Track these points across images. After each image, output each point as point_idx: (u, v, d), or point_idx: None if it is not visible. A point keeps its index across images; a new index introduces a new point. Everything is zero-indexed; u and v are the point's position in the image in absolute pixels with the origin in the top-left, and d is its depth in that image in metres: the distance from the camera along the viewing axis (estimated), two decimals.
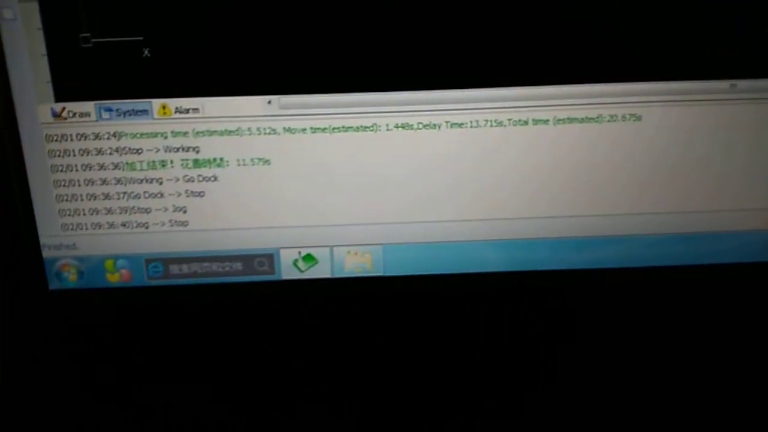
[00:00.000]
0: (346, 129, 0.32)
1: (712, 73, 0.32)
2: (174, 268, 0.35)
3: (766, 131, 0.33)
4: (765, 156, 0.33)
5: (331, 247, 0.35)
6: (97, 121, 0.32)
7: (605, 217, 0.34)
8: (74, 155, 0.32)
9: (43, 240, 0.34)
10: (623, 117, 0.32)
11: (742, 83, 0.32)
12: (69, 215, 0.33)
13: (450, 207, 0.34)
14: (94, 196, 0.33)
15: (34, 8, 0.30)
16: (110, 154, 0.32)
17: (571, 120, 0.32)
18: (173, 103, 0.32)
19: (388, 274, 0.35)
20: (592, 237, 0.35)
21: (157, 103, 0.32)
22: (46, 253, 0.34)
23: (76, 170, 0.33)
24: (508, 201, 0.34)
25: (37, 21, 0.30)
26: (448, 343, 0.37)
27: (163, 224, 0.34)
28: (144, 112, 0.32)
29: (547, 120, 0.32)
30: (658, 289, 0.36)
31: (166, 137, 0.32)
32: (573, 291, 0.36)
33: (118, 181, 0.33)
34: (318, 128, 0.32)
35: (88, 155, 0.32)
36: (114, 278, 0.35)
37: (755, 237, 0.35)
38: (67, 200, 0.33)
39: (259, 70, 0.31)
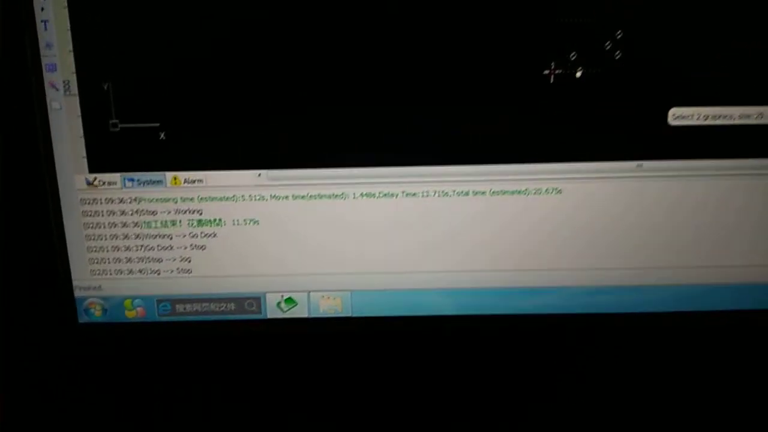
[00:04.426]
0: (321, 197, 0.37)
1: (621, 155, 0.36)
2: (180, 307, 0.39)
3: (669, 203, 0.37)
4: (670, 223, 0.38)
5: (308, 291, 0.39)
6: (121, 188, 0.37)
7: (536, 271, 0.39)
8: (103, 215, 0.38)
9: (75, 282, 0.39)
10: (546, 190, 0.37)
11: (648, 164, 0.36)
12: (96, 263, 0.39)
13: (406, 260, 0.39)
14: (117, 248, 0.38)
15: (76, 101, 0.36)
16: (131, 214, 0.38)
17: (503, 192, 0.37)
18: (183, 175, 0.37)
19: (355, 315, 0.40)
20: (525, 287, 0.39)
21: (169, 175, 0.37)
22: (77, 293, 0.39)
23: (104, 227, 0.38)
24: (454, 256, 0.38)
25: (77, 110, 0.36)
26: (406, 374, 0.41)
27: (172, 271, 0.39)
28: (159, 182, 0.37)
29: (485, 192, 0.37)
30: (592, 333, 0.40)
31: (176, 202, 0.37)
32: (515, 333, 0.40)
33: (137, 236, 0.38)
34: (298, 196, 0.37)
35: (113, 215, 0.38)
36: (131, 314, 0.39)
37: (672, 290, 0.39)
38: (95, 251, 0.38)
39: (251, 150, 0.36)
